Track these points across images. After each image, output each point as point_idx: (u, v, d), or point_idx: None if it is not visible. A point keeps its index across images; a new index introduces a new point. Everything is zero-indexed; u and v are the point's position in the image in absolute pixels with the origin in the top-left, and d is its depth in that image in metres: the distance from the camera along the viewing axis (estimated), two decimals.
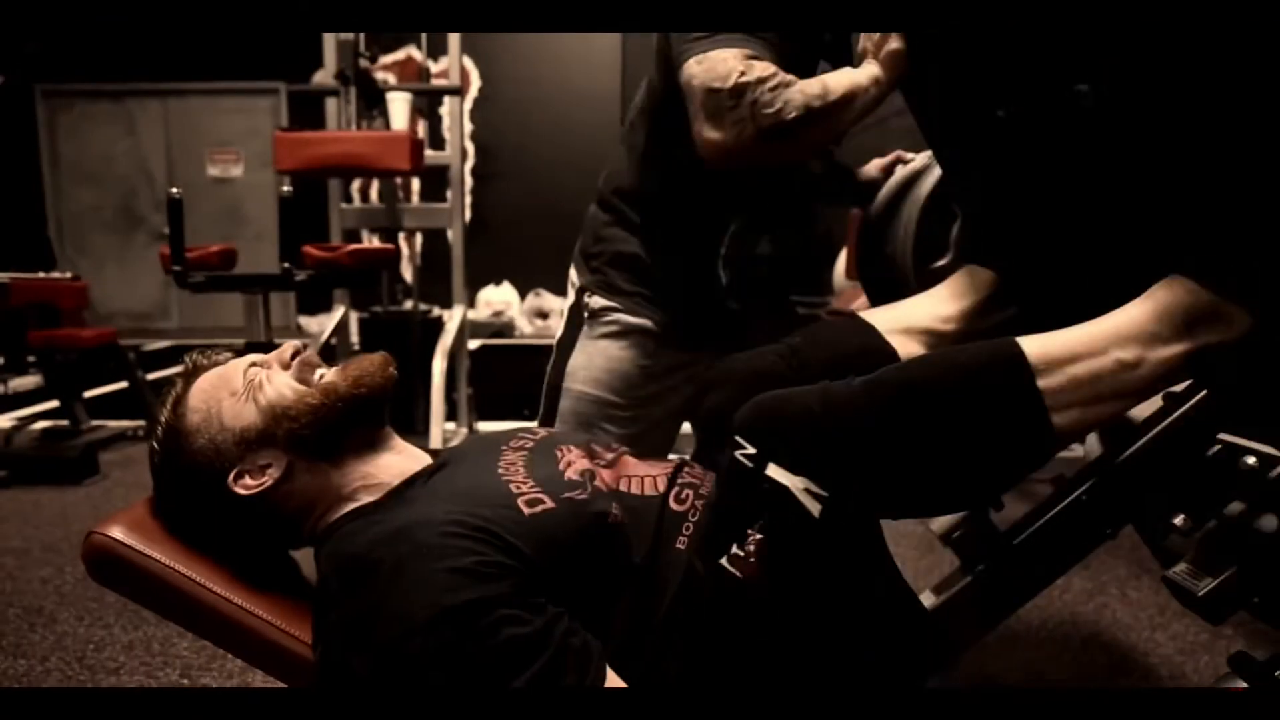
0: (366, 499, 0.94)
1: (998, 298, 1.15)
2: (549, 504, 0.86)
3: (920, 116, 1.17)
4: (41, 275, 3.92)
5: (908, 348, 1.12)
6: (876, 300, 1.49)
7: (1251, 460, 0.95)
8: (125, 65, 6.06)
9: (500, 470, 0.93)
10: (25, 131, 6.18)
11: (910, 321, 1.15)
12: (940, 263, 1.32)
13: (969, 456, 0.84)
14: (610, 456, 1.04)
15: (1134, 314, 0.87)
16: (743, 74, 1.11)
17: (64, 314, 3.84)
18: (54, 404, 4.14)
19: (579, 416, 1.43)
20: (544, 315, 5.49)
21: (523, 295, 5.66)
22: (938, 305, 1.16)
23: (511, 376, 4.63)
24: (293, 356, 0.98)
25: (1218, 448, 1.01)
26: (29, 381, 4.30)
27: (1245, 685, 0.89)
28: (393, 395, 0.99)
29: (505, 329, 5.37)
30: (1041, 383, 0.83)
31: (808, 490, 0.79)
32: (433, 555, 0.77)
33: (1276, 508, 0.95)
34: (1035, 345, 0.85)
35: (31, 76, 6.09)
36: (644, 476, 0.99)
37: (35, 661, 1.91)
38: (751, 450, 0.81)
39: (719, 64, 1.13)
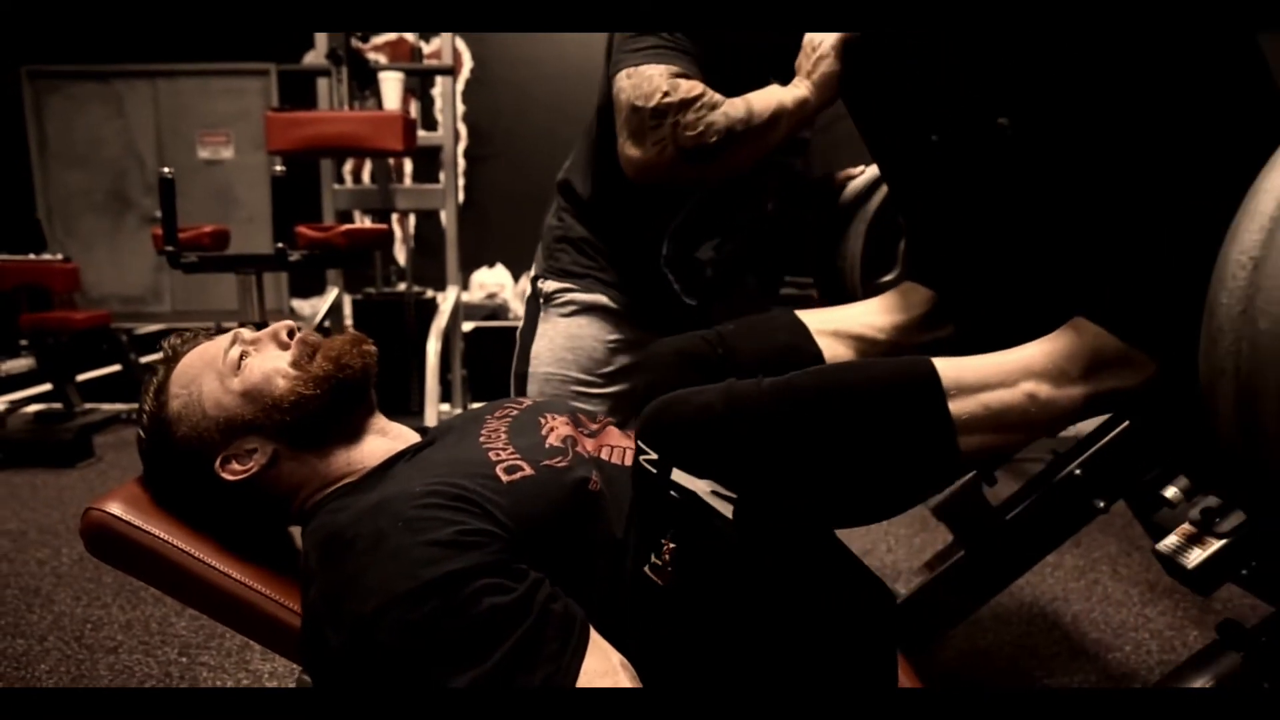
0: (351, 480, 0.93)
1: (934, 316, 1.14)
2: (528, 471, 0.85)
3: (864, 134, 1.18)
4: (32, 257, 3.90)
5: (835, 350, 1.10)
6: (827, 299, 1.49)
7: None
8: (113, 46, 6.01)
9: (481, 439, 0.93)
10: (12, 114, 6.12)
11: (842, 325, 1.12)
12: (887, 277, 1.34)
13: (872, 471, 0.80)
14: (595, 426, 1.04)
15: (1047, 349, 0.86)
16: (666, 94, 1.12)
17: (55, 296, 3.83)
18: (47, 387, 4.12)
19: (550, 398, 1.42)
20: None
21: (516, 278, 5.65)
22: (873, 314, 1.15)
23: (505, 358, 4.58)
24: (289, 335, 0.96)
25: None
26: (21, 364, 4.28)
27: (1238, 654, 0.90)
28: (377, 378, 0.97)
29: (499, 311, 5.36)
30: (953, 406, 0.81)
31: (716, 493, 0.74)
32: (410, 528, 0.75)
33: None
34: (950, 368, 0.83)
35: (16, 59, 6.03)
36: (626, 447, 0.97)
37: (34, 641, 1.91)
38: (654, 455, 0.77)
39: (645, 81, 1.14)
